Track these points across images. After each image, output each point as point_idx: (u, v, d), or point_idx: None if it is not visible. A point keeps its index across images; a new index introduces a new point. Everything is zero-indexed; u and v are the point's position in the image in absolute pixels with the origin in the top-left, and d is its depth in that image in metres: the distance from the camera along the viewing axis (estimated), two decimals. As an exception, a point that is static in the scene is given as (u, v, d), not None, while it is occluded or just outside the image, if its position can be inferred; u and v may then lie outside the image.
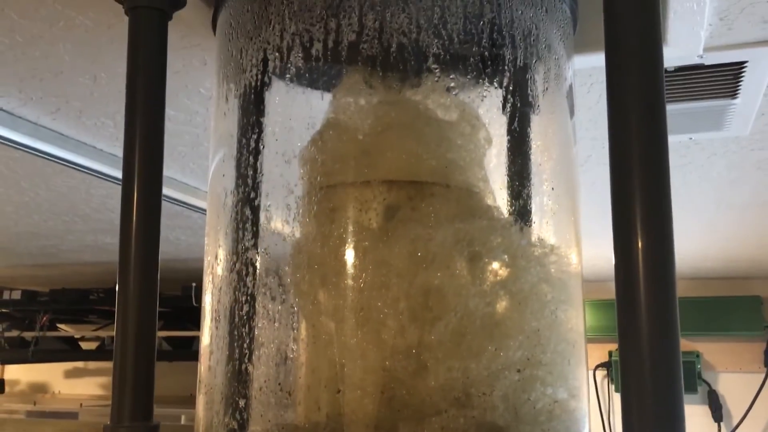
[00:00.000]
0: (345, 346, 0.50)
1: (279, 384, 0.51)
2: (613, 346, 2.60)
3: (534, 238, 0.56)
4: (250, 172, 0.55)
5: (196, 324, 2.22)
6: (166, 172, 1.24)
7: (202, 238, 0.58)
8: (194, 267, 2.40)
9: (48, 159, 1.10)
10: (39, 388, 3.49)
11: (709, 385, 2.62)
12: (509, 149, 0.58)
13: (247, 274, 0.54)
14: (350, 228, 0.54)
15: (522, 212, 0.56)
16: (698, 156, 1.16)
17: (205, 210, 1.48)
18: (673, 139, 1.06)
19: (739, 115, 0.94)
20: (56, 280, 2.64)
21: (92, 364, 3.40)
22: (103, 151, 1.15)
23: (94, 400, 3.09)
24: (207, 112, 1.00)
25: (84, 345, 3.04)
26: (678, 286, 1.86)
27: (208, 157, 0.64)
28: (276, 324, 0.53)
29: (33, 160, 1.16)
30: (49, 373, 3.45)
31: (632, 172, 0.49)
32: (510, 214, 0.56)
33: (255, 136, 0.55)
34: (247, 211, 0.55)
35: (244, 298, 0.54)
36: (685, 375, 2.60)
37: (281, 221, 0.53)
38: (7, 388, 3.41)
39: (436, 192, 0.58)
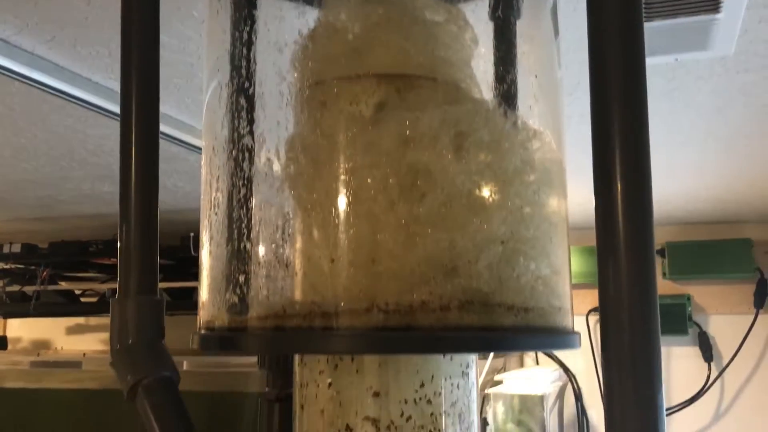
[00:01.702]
0: (338, 221, 0.53)
1: (276, 258, 0.54)
2: (606, 291, 2.64)
3: (518, 122, 0.58)
4: (244, 63, 0.57)
5: (196, 275, 2.25)
6: (162, 107, 1.26)
7: (200, 185, 0.60)
8: (193, 218, 2.42)
9: (45, 90, 1.12)
10: (41, 345, 3.54)
11: (699, 327, 2.67)
12: (494, 38, 0.60)
13: (243, 160, 0.56)
14: (341, 116, 0.57)
15: (506, 97, 0.58)
16: (685, 80, 1.18)
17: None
18: (658, 61, 1.08)
19: (722, 31, 0.96)
20: (55, 234, 2.66)
21: (93, 321, 3.44)
22: (99, 84, 1.17)
23: (96, 354, 3.14)
24: (200, 38, 1.01)
25: (85, 301, 3.08)
26: (670, 231, 1.94)
27: (203, 89, 0.66)
28: (272, 204, 0.55)
29: (30, 95, 1.18)
30: (51, 330, 3.49)
31: (612, 95, 0.53)
32: (494, 99, 0.58)
33: (248, 28, 0.57)
34: (242, 100, 0.57)
35: (241, 182, 0.56)
36: (676, 318, 2.67)
37: (275, 108, 0.56)
38: (9, 346, 3.46)
39: (423, 84, 0.60)
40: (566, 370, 2.66)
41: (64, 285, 2.81)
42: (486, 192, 0.55)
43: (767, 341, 2.62)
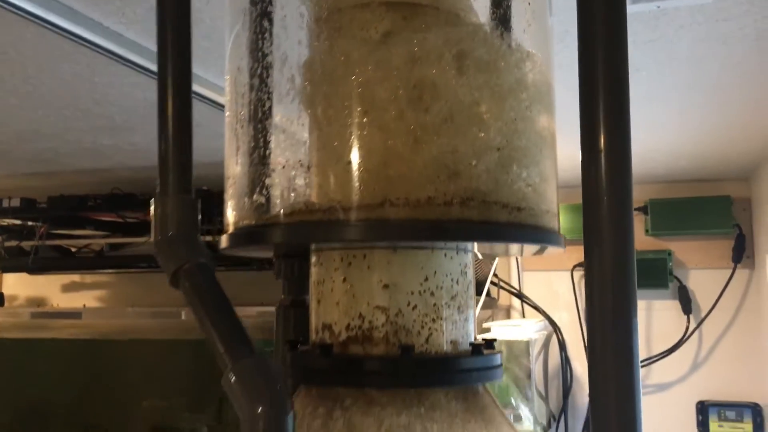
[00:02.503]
0: (353, 130, 0.60)
1: (299, 162, 0.61)
2: (591, 247, 2.73)
3: (512, 44, 0.65)
4: (267, -11, 0.63)
5: (209, 230, 2.32)
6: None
7: (214, 140, 0.65)
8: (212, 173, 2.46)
9: (57, 33, 1.17)
10: (38, 302, 3.60)
11: (679, 281, 2.78)
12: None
13: (267, 76, 0.63)
14: (354, 39, 0.63)
15: (502, 20, 0.65)
16: (666, 29, 1.25)
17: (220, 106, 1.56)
18: (641, 8, 1.14)
19: (701, -25, 1.03)
20: (53, 191, 2.71)
21: (89, 278, 3.51)
22: (109, 28, 1.22)
23: (94, 310, 3.20)
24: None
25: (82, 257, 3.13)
26: (653, 189, 2.03)
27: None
28: (294, 115, 0.62)
29: (43, 38, 1.23)
30: (47, 288, 3.55)
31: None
32: (491, 22, 0.65)
33: (271, -42, 0.63)
34: (265, 23, 0.63)
35: (265, 96, 0.63)
36: (657, 272, 2.76)
37: (296, 27, 0.62)
38: (6, 303, 3.52)
39: (428, 12, 0.66)
40: (551, 322, 2.76)
41: (61, 242, 2.86)
42: (484, 105, 0.62)
43: (744, 294, 2.73)
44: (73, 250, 3.04)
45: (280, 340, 0.81)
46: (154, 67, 0.81)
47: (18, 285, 3.62)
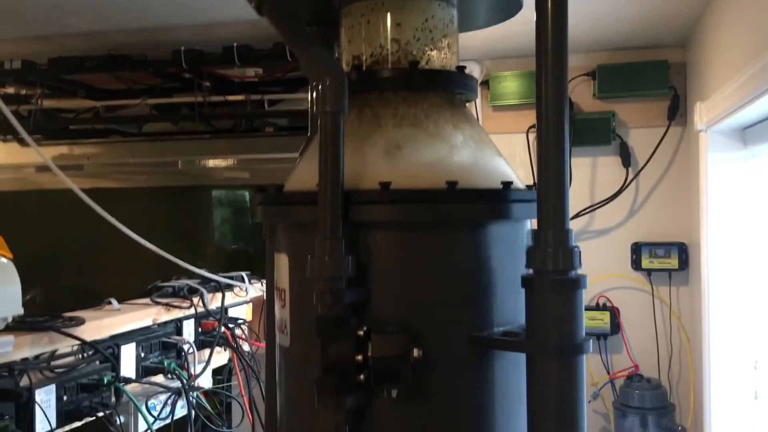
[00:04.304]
0: None
1: None
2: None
3: None
4: None
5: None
6: None
7: None
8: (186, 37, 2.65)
9: None
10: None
11: (621, 138, 3.13)
12: None
13: None
14: None
15: None
16: None
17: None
18: None
19: None
20: (51, 55, 2.88)
21: (78, 149, 3.71)
22: None
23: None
24: None
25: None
26: (599, 56, 2.45)
27: None
28: None
29: None
30: (38, 158, 3.74)
31: None
32: None
33: None
34: None
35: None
36: (601, 131, 3.12)
37: None
38: (-3, 173, 3.72)
39: None
40: (508, 175, 3.10)
41: (59, 103, 3.05)
42: None
43: (676, 148, 3.11)
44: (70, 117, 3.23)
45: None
46: None
47: (8, 155, 3.80)
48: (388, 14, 0.94)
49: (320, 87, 0.80)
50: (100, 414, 1.55)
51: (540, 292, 0.79)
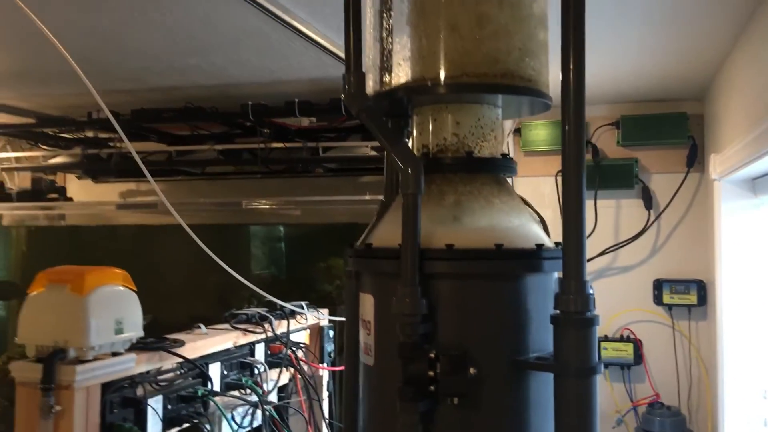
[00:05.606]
0: (442, 37, 1.18)
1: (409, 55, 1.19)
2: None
3: (526, -6, 1.23)
4: None
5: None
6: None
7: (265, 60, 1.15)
8: (254, 92, 2.99)
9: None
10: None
11: (643, 182, 3.40)
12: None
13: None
14: (443, -10, 1.21)
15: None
16: (624, -21, 1.81)
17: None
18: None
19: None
20: (128, 107, 3.25)
21: (143, 186, 4.08)
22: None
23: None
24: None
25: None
26: (624, 108, 2.90)
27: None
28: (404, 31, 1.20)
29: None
30: (107, 194, 4.12)
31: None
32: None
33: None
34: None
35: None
36: (625, 176, 3.41)
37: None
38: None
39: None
40: (538, 214, 3.38)
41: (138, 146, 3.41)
42: (512, 25, 1.20)
43: (694, 192, 3.37)
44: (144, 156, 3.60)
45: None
46: None
47: (81, 192, 4.19)
48: (450, 115, 1.24)
49: (404, 174, 1.11)
50: (195, 421, 1.85)
51: (565, 328, 1.07)
